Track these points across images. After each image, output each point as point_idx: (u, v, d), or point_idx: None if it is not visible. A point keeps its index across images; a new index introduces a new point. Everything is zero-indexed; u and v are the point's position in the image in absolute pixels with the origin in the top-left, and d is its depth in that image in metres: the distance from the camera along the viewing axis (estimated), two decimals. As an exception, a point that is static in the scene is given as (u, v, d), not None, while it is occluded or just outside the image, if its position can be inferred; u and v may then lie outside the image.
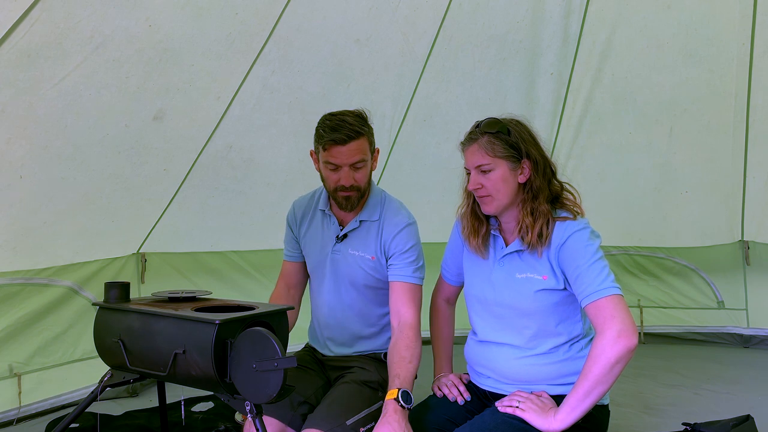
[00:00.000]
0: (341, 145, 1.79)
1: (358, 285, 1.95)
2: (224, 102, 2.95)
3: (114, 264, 3.06)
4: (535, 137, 1.66)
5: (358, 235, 1.94)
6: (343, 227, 1.96)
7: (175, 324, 1.54)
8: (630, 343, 1.43)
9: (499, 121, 1.64)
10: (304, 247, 2.07)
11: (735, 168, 3.76)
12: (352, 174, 1.83)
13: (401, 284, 1.87)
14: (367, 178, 1.90)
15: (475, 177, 1.64)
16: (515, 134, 1.62)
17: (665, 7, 3.40)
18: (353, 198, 1.87)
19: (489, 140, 1.61)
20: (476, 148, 1.63)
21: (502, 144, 1.61)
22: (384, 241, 1.90)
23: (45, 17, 2.16)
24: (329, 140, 1.79)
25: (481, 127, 1.64)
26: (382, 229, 1.92)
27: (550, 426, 1.49)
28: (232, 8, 2.66)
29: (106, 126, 2.63)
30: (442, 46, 3.37)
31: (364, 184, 1.88)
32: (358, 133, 1.80)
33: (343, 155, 1.80)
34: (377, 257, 1.91)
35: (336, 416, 1.69)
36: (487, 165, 1.61)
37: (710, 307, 4.06)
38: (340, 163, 1.81)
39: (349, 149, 1.79)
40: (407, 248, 1.88)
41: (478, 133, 1.64)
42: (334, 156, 1.81)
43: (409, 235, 1.90)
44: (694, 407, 2.75)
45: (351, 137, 1.79)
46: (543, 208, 1.59)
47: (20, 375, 2.66)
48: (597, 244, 1.56)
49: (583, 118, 3.75)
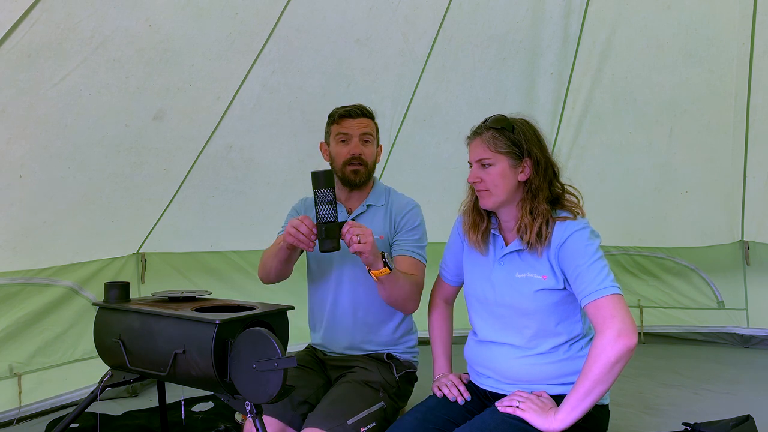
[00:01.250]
0: (353, 118, 2.02)
1: (364, 268, 1.97)
2: (224, 102, 2.95)
3: (114, 264, 3.06)
4: (540, 137, 1.67)
5: (365, 219, 2.02)
6: (350, 214, 2.04)
7: (175, 324, 1.54)
8: (630, 343, 1.44)
9: (506, 118, 1.67)
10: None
11: (735, 168, 3.76)
12: (361, 146, 2.01)
13: (406, 257, 1.95)
14: (372, 158, 2.05)
15: (475, 170, 1.66)
16: (519, 132, 1.63)
17: (665, 7, 3.40)
18: (362, 172, 2.01)
19: (492, 135, 1.64)
20: (479, 142, 1.65)
21: (505, 140, 1.62)
22: (394, 218, 2.01)
23: (45, 17, 2.16)
24: (342, 113, 2.03)
25: (488, 122, 1.67)
26: (390, 209, 2.04)
27: (550, 426, 1.49)
28: (232, 8, 2.66)
29: (106, 126, 2.63)
30: (442, 46, 3.37)
31: (370, 163, 2.04)
32: (368, 113, 2.06)
33: (353, 126, 2.01)
34: (385, 236, 1.99)
35: (337, 416, 1.69)
36: (488, 159, 1.63)
37: (710, 307, 4.06)
38: (351, 133, 2.01)
39: (359, 122, 2.02)
40: (415, 225, 2.00)
41: (483, 128, 1.67)
42: (345, 127, 2.02)
43: (417, 215, 2.03)
44: (694, 407, 2.75)
45: (362, 113, 2.04)
46: (542, 208, 1.60)
47: (20, 375, 2.66)
48: (597, 243, 1.57)
49: (583, 118, 3.75)
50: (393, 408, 1.89)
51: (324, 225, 1.67)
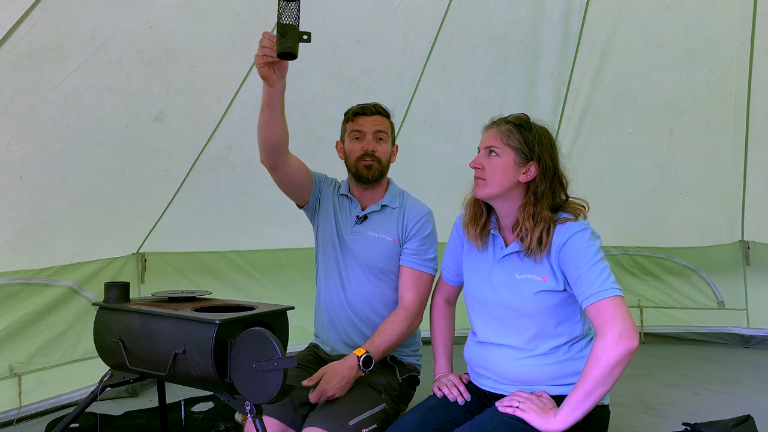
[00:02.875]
0: (367, 116, 2.04)
1: (374, 267, 2.00)
2: (224, 103, 2.95)
3: (114, 264, 3.06)
4: (554, 146, 1.68)
5: (379, 219, 2.03)
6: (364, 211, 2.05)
7: (174, 324, 1.54)
8: (631, 345, 1.44)
9: (528, 118, 1.68)
10: (320, 224, 2.10)
11: (735, 168, 3.76)
12: (375, 143, 2.02)
13: (409, 270, 1.98)
14: (386, 156, 2.05)
15: (480, 156, 1.67)
16: (535, 134, 1.64)
17: (665, 7, 3.40)
18: (375, 168, 2.01)
19: (509, 129, 1.65)
20: (495, 131, 1.67)
21: (519, 137, 1.63)
22: (406, 224, 2.01)
23: (45, 18, 2.16)
24: (357, 111, 2.05)
25: (509, 117, 1.68)
26: (404, 214, 2.03)
27: (550, 426, 1.49)
28: (232, 9, 2.66)
29: (106, 127, 2.63)
30: (442, 46, 3.37)
31: (384, 160, 2.04)
32: (383, 111, 2.07)
33: (367, 123, 2.03)
34: (398, 240, 2.00)
35: (338, 416, 1.69)
36: (497, 149, 1.64)
37: (710, 307, 4.06)
38: (365, 130, 2.02)
39: (373, 119, 2.04)
40: (425, 234, 2.00)
41: (503, 120, 1.68)
42: (359, 124, 2.03)
43: (428, 223, 2.03)
44: (694, 407, 2.75)
45: (376, 111, 2.05)
46: (544, 214, 1.59)
47: (20, 375, 2.66)
48: (597, 245, 1.56)
49: (583, 118, 3.75)
50: (394, 410, 1.90)
51: (282, 25, 1.57)
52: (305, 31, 1.61)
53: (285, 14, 1.59)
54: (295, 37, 1.60)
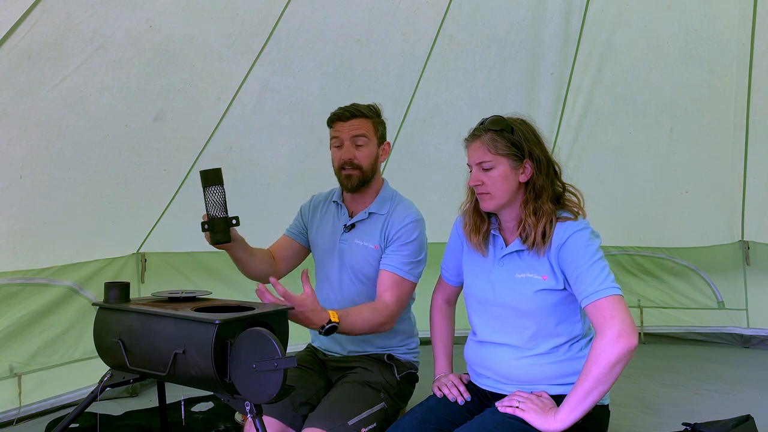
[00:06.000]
0: (343, 121, 1.95)
1: (362, 275, 1.98)
2: (224, 102, 2.95)
3: (114, 264, 3.06)
4: (539, 137, 1.66)
5: (365, 227, 1.99)
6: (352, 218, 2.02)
7: (174, 324, 1.54)
8: (630, 344, 1.44)
9: (504, 119, 1.65)
10: (314, 237, 2.10)
11: (735, 168, 3.76)
12: (353, 150, 1.94)
13: (388, 273, 1.90)
14: (369, 160, 1.97)
15: (476, 174, 1.65)
16: (519, 133, 1.62)
17: (665, 7, 3.40)
18: (354, 177, 1.94)
19: (492, 138, 1.62)
20: (479, 144, 1.64)
21: (505, 142, 1.61)
22: (388, 231, 1.95)
23: (45, 18, 2.16)
24: (333, 117, 1.98)
25: (486, 124, 1.65)
26: (389, 221, 1.97)
27: (550, 426, 1.49)
28: (232, 9, 2.66)
29: (106, 127, 2.63)
30: (442, 46, 3.37)
31: (366, 165, 1.96)
32: (360, 113, 1.96)
33: (344, 129, 1.95)
34: (380, 247, 1.95)
35: (338, 416, 1.69)
36: (489, 162, 1.62)
37: (710, 307, 4.06)
38: (342, 137, 1.95)
39: (350, 125, 1.95)
40: (408, 241, 1.92)
41: (481, 130, 1.65)
42: (337, 130, 1.97)
43: (413, 231, 1.94)
44: (694, 407, 2.75)
45: (353, 115, 1.95)
46: (546, 207, 1.59)
47: (20, 375, 2.66)
48: (597, 244, 1.57)
49: (583, 119, 3.75)
50: (394, 408, 1.90)
51: (209, 219, 1.77)
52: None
53: (210, 204, 1.75)
54: (222, 228, 1.75)
